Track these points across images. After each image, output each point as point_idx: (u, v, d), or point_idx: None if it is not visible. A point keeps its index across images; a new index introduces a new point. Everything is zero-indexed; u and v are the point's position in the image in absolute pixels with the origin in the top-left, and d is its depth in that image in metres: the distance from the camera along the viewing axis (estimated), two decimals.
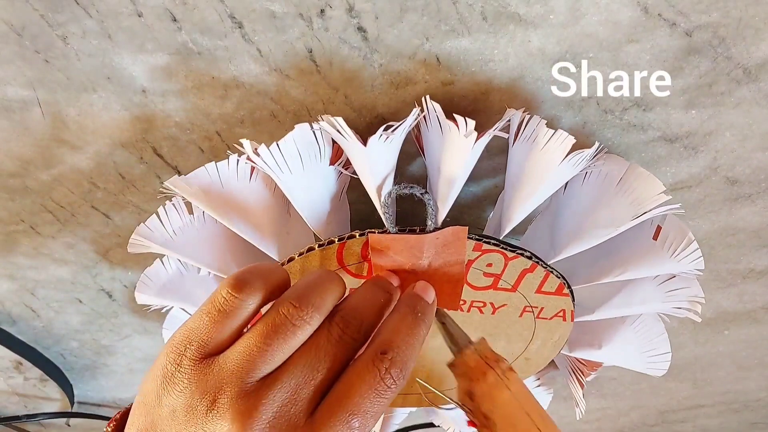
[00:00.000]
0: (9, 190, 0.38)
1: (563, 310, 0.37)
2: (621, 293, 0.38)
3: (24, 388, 0.59)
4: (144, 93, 0.32)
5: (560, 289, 0.35)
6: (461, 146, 0.29)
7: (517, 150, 0.32)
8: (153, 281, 0.39)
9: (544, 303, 0.36)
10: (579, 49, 0.30)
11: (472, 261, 0.33)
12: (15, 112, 0.33)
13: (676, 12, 0.29)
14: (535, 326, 0.38)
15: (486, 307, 0.36)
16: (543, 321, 0.37)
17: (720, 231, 0.44)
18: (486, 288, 0.35)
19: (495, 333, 0.38)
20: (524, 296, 0.36)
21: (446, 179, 0.31)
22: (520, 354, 0.40)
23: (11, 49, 0.30)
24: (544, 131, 0.30)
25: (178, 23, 0.29)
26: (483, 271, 0.34)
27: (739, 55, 0.31)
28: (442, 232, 0.31)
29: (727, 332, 0.57)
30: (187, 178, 0.32)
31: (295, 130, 0.29)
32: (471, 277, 0.34)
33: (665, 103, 0.33)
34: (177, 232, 0.35)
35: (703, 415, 0.75)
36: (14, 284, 0.46)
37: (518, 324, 0.38)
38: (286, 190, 0.31)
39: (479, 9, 0.29)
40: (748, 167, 0.38)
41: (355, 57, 0.31)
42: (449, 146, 0.30)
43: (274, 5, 0.28)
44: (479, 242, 0.32)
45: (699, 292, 0.37)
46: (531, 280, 0.35)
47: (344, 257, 0.33)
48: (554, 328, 0.38)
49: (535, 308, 0.37)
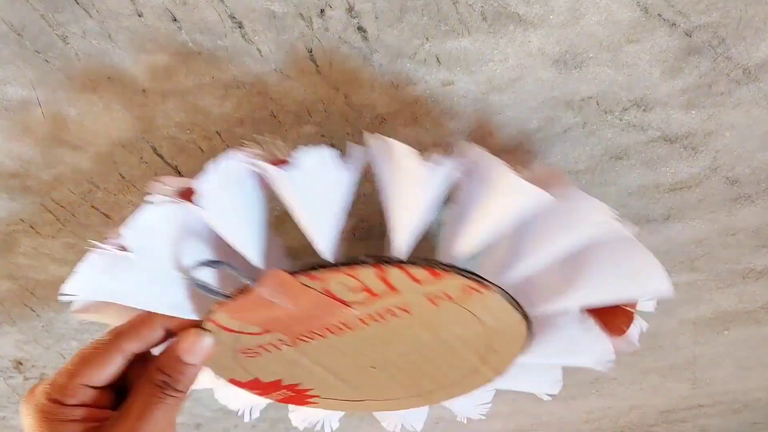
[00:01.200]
0: (9, 190, 0.38)
1: (466, 285, 0.34)
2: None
3: (24, 388, 0.59)
4: (144, 93, 0.32)
5: (434, 274, 0.33)
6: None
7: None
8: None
9: (439, 288, 0.34)
10: (579, 49, 0.30)
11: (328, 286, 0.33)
12: (15, 112, 0.33)
13: (676, 12, 0.29)
14: (463, 307, 0.36)
15: (393, 312, 0.35)
16: (463, 301, 0.35)
17: (720, 231, 0.44)
18: (365, 301, 0.34)
19: (436, 324, 0.36)
20: (413, 291, 0.34)
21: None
22: (493, 332, 0.37)
23: (11, 49, 0.30)
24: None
25: (178, 23, 0.29)
26: (347, 285, 0.33)
27: (739, 55, 0.31)
28: (260, 282, 0.32)
29: (727, 332, 0.57)
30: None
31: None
32: (344, 297, 0.34)
33: (665, 103, 0.33)
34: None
35: (703, 415, 0.75)
36: (14, 284, 0.46)
37: (445, 313, 0.36)
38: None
39: (479, 9, 0.29)
40: (748, 167, 0.38)
41: (355, 57, 0.31)
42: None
43: (274, 5, 0.28)
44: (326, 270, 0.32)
45: None
46: (399, 277, 0.33)
47: None
48: (480, 301, 0.35)
49: (439, 296, 0.34)
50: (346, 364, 0.39)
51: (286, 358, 0.39)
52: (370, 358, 0.39)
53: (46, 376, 0.57)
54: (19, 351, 0.54)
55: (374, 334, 0.36)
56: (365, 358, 0.39)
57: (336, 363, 0.39)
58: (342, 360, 0.39)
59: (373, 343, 0.37)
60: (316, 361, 0.39)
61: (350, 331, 0.36)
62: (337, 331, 0.36)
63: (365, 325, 0.35)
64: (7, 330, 0.51)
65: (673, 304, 0.52)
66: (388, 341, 0.37)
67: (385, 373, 0.41)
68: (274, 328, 0.36)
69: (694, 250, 0.45)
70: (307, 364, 0.40)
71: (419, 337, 0.37)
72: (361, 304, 0.34)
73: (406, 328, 0.36)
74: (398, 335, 0.37)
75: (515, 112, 0.34)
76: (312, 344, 0.38)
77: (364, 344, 0.37)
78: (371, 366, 0.40)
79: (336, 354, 0.38)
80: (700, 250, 0.45)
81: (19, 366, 0.56)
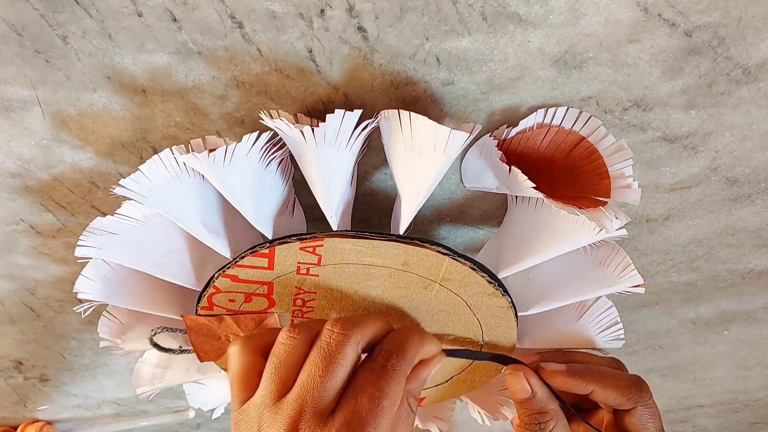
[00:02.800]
0: (9, 190, 0.38)
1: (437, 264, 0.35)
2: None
3: (24, 388, 0.59)
4: (144, 93, 0.32)
5: None
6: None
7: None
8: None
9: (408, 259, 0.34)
10: (579, 49, 0.30)
11: None
12: (15, 112, 0.33)
13: (676, 12, 0.29)
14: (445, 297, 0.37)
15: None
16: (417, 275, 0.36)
17: (720, 231, 0.44)
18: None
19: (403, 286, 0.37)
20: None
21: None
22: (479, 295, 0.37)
23: (11, 49, 0.30)
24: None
25: (178, 23, 0.29)
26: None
27: (739, 55, 0.31)
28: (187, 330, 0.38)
29: (727, 332, 0.57)
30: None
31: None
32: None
33: (665, 103, 0.33)
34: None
35: (703, 415, 0.75)
36: (14, 284, 0.46)
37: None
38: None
39: (479, 9, 0.29)
40: (748, 167, 0.38)
41: (355, 57, 0.31)
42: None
43: (274, 5, 0.28)
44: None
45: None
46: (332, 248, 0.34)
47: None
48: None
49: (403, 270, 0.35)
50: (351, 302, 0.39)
51: None
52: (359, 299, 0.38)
53: (46, 376, 0.57)
54: (19, 351, 0.54)
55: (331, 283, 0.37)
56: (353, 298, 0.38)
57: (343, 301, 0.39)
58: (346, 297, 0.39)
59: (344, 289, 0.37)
60: None
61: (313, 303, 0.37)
62: (304, 309, 0.38)
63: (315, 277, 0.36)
64: (7, 330, 0.51)
65: (673, 304, 0.52)
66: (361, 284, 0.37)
67: None
68: None
69: (694, 250, 0.45)
70: None
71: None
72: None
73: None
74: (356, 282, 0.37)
75: (515, 112, 0.34)
76: None
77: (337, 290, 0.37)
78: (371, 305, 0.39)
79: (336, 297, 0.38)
80: (700, 250, 0.45)
81: (19, 366, 0.56)
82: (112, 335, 0.40)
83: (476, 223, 0.42)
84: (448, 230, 0.42)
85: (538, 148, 0.34)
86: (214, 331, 0.37)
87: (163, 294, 0.39)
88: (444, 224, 0.42)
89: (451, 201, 0.40)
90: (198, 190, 0.33)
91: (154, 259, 0.36)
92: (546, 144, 0.34)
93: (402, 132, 0.30)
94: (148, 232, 0.35)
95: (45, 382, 0.58)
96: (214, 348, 0.38)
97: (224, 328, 0.37)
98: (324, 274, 0.35)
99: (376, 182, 0.38)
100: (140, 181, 0.31)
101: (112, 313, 0.40)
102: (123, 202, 0.34)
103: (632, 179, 0.33)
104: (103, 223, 0.34)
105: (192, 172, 0.32)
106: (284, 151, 0.33)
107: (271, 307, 0.37)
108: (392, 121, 0.30)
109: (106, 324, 0.40)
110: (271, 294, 0.36)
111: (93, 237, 0.34)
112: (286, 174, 0.35)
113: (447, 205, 0.40)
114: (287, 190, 0.36)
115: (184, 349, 0.40)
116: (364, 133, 0.30)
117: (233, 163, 0.30)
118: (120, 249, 0.35)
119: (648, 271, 0.47)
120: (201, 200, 0.34)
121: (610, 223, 0.31)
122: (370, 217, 0.41)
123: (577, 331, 0.40)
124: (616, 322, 0.40)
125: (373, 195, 0.39)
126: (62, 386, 0.59)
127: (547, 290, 0.38)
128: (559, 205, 0.31)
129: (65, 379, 0.58)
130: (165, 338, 0.40)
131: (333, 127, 0.29)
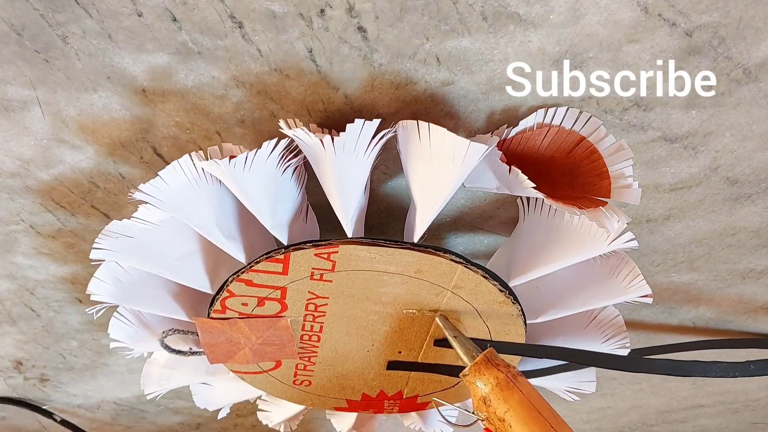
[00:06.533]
0: (9, 190, 0.38)
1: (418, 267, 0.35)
2: None
3: (24, 388, 0.59)
4: (144, 93, 0.32)
5: None
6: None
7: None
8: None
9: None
10: (579, 49, 0.30)
11: None
12: (15, 112, 0.33)
13: (676, 12, 0.29)
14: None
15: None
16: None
17: (720, 231, 0.44)
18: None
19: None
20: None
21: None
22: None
23: (11, 49, 0.30)
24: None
25: (178, 23, 0.29)
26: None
27: (739, 55, 0.31)
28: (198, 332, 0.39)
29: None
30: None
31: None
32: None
33: (665, 103, 0.33)
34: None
35: (703, 415, 0.75)
36: (14, 284, 0.46)
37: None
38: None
39: (479, 9, 0.29)
40: (748, 167, 0.38)
41: (355, 57, 0.31)
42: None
43: (274, 5, 0.28)
44: None
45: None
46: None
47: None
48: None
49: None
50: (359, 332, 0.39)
51: (326, 374, 0.41)
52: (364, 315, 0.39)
53: (46, 376, 0.57)
54: (19, 351, 0.54)
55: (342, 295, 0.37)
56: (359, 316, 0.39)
57: (349, 337, 0.40)
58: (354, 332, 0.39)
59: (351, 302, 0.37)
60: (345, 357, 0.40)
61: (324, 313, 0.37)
62: (314, 318, 0.38)
63: (328, 282, 0.36)
64: (7, 330, 0.51)
65: (673, 304, 0.52)
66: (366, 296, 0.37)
67: None
68: (273, 357, 0.39)
69: (694, 250, 0.45)
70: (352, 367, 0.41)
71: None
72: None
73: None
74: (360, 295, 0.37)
75: (515, 112, 0.34)
76: (321, 347, 0.39)
77: (346, 306, 0.38)
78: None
79: (345, 327, 0.39)
80: (700, 250, 0.45)
81: (19, 366, 0.56)
82: (123, 336, 0.40)
83: (476, 224, 0.42)
84: (447, 231, 0.42)
85: (538, 148, 0.34)
86: (226, 333, 0.38)
87: (175, 297, 0.39)
88: (444, 225, 0.42)
89: (451, 202, 0.40)
90: (215, 196, 0.34)
91: (168, 262, 0.36)
92: (546, 144, 0.34)
93: (420, 142, 0.30)
94: (163, 236, 0.35)
95: (45, 382, 0.58)
96: (225, 350, 0.39)
97: (236, 331, 0.38)
98: (337, 280, 0.35)
99: (375, 182, 0.38)
100: (159, 187, 0.31)
101: (123, 315, 0.40)
102: (125, 202, 0.34)
103: (632, 179, 0.33)
104: (118, 226, 0.34)
105: (210, 178, 0.32)
106: (299, 159, 0.33)
107: (283, 311, 0.37)
108: (410, 131, 0.30)
109: (117, 325, 0.40)
110: (284, 298, 0.36)
111: (108, 240, 0.34)
112: (301, 181, 0.35)
113: (447, 206, 0.40)
114: (301, 197, 0.36)
115: (195, 351, 0.40)
116: (381, 142, 0.30)
117: (252, 169, 0.31)
118: (134, 252, 0.35)
119: (648, 271, 0.47)
120: (218, 206, 0.34)
121: (610, 223, 0.31)
122: (370, 218, 0.41)
123: (584, 338, 0.40)
124: (622, 330, 0.40)
125: (373, 196, 0.39)
126: (62, 386, 0.59)
127: (556, 299, 0.38)
128: (559, 206, 0.31)
129: (65, 379, 0.58)
130: (176, 340, 0.40)
131: (352, 137, 0.29)
